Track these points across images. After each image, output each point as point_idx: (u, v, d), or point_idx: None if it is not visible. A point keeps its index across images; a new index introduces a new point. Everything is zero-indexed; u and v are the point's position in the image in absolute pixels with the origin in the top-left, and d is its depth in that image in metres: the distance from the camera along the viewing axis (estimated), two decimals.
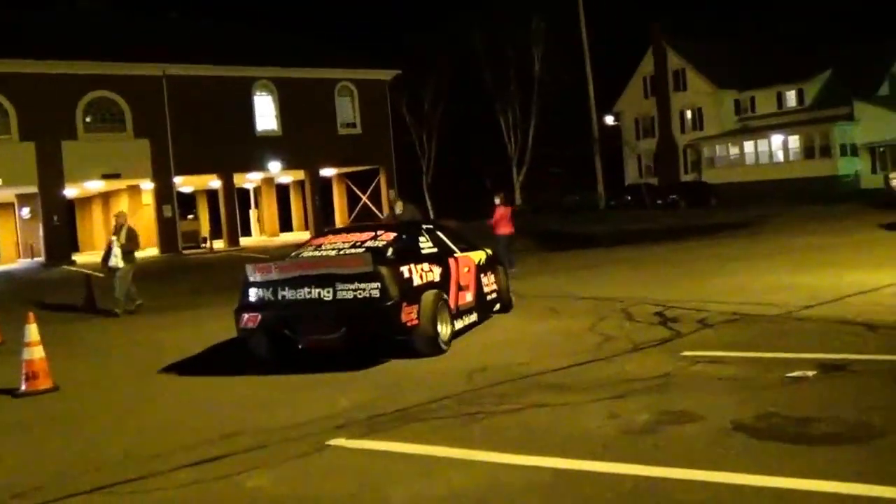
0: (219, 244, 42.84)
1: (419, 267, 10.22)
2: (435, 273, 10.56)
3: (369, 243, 10.40)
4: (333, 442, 6.45)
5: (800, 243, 20.78)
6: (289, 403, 7.98)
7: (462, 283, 11.38)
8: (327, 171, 47.68)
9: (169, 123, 40.10)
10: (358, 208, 49.49)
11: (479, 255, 12.40)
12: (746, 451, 5.47)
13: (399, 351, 9.82)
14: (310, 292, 9.52)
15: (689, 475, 5.06)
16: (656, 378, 7.65)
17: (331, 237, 11.19)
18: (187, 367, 10.62)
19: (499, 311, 12.73)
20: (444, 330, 10.17)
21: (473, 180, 62.36)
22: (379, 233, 10.83)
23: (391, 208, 18.53)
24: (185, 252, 40.31)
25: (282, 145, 43.51)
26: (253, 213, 52.84)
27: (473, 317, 11.55)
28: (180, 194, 44.71)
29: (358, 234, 10.88)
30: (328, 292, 9.42)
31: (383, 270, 9.44)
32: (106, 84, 38.64)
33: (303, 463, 6.04)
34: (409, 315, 9.56)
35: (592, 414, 6.61)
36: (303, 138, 43.78)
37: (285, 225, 52.37)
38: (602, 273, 17.85)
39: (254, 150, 42.70)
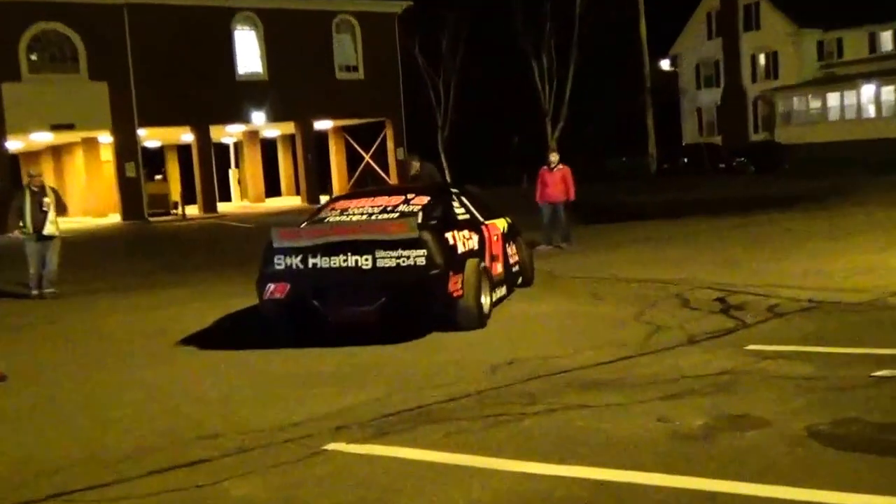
0: (192, 210, 43.11)
1: (461, 234, 11.08)
2: (473, 241, 11.40)
3: (402, 207, 11.20)
4: (332, 446, 6.57)
5: (891, 218, 20.73)
6: (282, 398, 8.12)
7: (494, 253, 12.14)
8: (323, 124, 47.79)
9: (132, 64, 40.24)
10: (360, 169, 49.56)
11: (502, 223, 13.16)
12: (822, 462, 5.56)
13: (439, 324, 10.51)
14: (345, 260, 10.21)
15: (753, 490, 5.15)
16: (715, 376, 7.74)
17: (354, 201, 11.85)
18: (160, 355, 10.78)
19: (521, 285, 13.50)
20: (485, 301, 11.06)
21: (499, 138, 62.33)
22: (409, 196, 11.58)
23: (407, 166, 18.60)
24: (153, 219, 40.62)
25: (268, 92, 43.62)
26: (233, 174, 53.05)
27: (503, 290, 12.36)
28: (146, 150, 44.97)
29: (386, 198, 11.65)
30: (367, 260, 10.13)
31: (429, 236, 10.21)
32: (55, 14, 38.71)
33: (295, 470, 6.15)
34: (455, 285, 10.41)
35: (639, 417, 6.71)
36: (293, 84, 43.85)
37: (272, 188, 52.54)
38: (652, 251, 17.91)
39: (234, 98, 42.83)
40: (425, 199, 11.42)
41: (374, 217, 11.03)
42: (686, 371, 8.00)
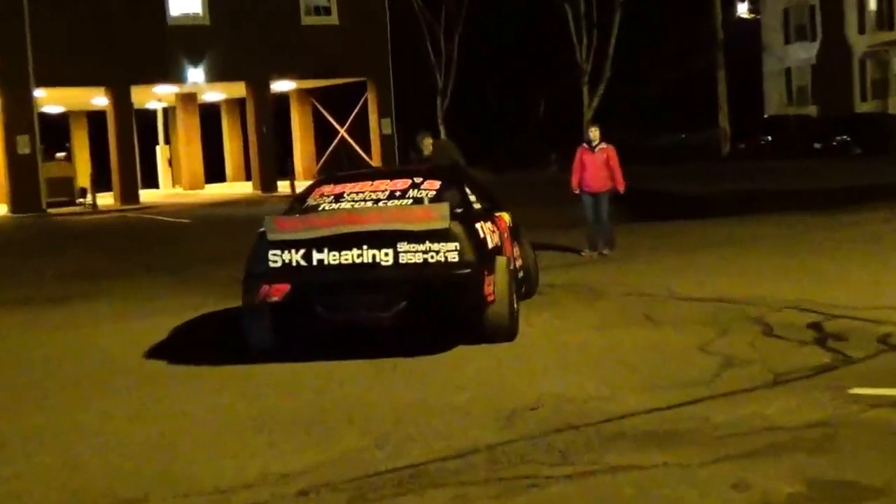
0: (106, 199, 43.05)
1: (486, 226, 12.16)
2: (496, 235, 12.39)
3: (413, 193, 12.21)
4: None
5: None
6: (232, 447, 8.15)
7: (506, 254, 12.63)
8: (283, 86, 47.72)
9: (26, 4, 40.12)
10: (333, 146, 49.39)
11: (507, 217, 13.88)
12: None
13: (463, 334, 11.44)
14: (360, 255, 11.08)
15: None
16: (809, 428, 7.75)
17: (349, 185, 12.58)
18: (74, 388, 10.80)
19: (523, 297, 13.86)
20: (516, 308, 12.01)
21: (519, 106, 62.19)
22: (417, 179, 12.58)
23: (417, 150, 18.68)
24: (53, 211, 40.54)
25: (210, 42, 43.54)
26: (161, 152, 52.94)
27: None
28: (45, 118, 44.91)
29: (388, 182, 12.65)
30: (387, 255, 11.06)
31: (461, 228, 11.22)
32: None
33: None
34: (489, 287, 11.32)
35: (708, 483, 6.72)
36: (243, 31, 43.77)
37: (214, 171, 52.38)
38: (724, 259, 17.91)
39: (164, 49, 42.75)
40: (437, 184, 12.42)
41: (381, 204, 11.91)
42: (770, 421, 8.00)
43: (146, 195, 45.44)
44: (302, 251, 11.14)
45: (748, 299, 13.35)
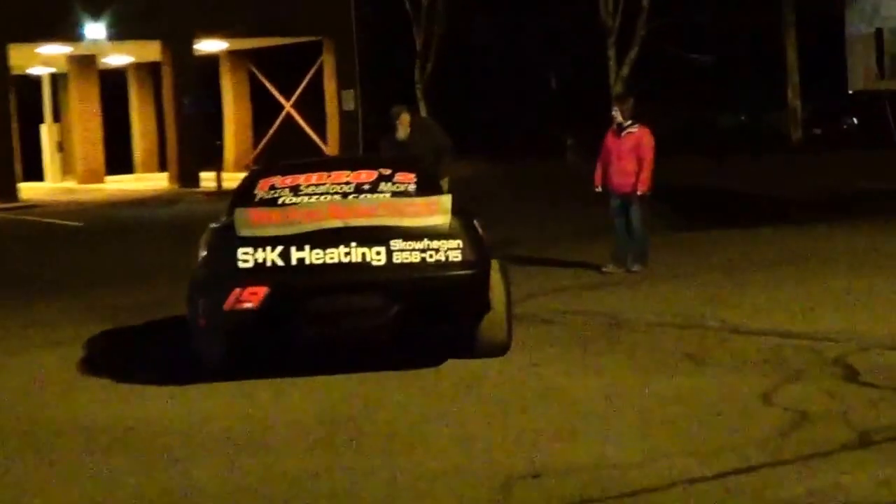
0: None
1: (481, 224, 13.17)
2: (486, 236, 13.43)
3: (386, 187, 13.33)
4: None
5: None
6: None
7: None
8: (211, 46, 47.79)
9: None
10: (276, 126, 49.45)
11: None
12: None
13: (453, 346, 12.81)
14: (348, 253, 12.25)
15: None
16: None
17: (302, 176, 13.49)
18: None
19: None
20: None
21: (523, 78, 62.36)
22: (385, 171, 13.64)
23: (392, 130, 18.96)
24: None
25: None
26: (48, 134, 52.89)
27: None
28: None
29: (348, 173, 13.65)
30: (378, 254, 12.28)
31: (463, 224, 12.61)
32: None
33: None
34: (490, 292, 12.66)
35: None
36: None
37: (118, 159, 52.35)
38: (792, 281, 17.95)
39: None
40: (412, 176, 13.55)
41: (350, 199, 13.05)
42: (854, 495, 7.97)
43: (27, 190, 45.45)
44: (279, 249, 12.19)
45: (824, 334, 13.38)
